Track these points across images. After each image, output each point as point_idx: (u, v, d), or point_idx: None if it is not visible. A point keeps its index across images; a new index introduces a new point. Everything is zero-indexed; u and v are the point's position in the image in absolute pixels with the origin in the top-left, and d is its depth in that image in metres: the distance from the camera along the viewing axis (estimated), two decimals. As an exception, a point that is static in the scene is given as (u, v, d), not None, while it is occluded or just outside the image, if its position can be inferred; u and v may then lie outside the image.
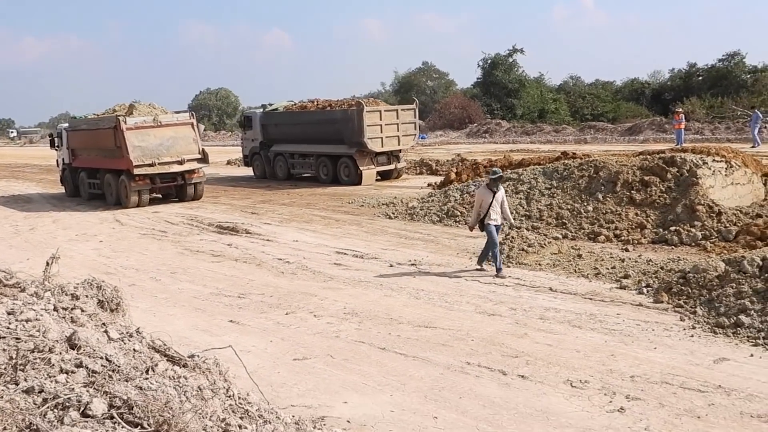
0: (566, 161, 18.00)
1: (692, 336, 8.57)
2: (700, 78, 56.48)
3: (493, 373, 7.70)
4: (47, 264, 6.58)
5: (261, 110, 31.16)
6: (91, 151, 25.28)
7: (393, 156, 27.27)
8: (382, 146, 26.14)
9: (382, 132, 25.85)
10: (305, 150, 28.43)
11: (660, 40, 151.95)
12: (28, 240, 18.06)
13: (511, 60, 60.63)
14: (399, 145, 26.98)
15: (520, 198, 16.52)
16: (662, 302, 9.80)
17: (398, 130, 26.52)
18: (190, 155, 23.48)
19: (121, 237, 17.91)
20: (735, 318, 8.70)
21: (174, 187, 24.33)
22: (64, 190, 28.28)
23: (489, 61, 61.08)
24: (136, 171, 22.44)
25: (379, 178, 27.07)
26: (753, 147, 29.80)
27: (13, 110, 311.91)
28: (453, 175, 22.83)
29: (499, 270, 11.87)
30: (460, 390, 7.29)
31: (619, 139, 42.45)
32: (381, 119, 25.91)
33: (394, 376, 7.77)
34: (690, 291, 9.76)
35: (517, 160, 22.40)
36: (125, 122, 22.36)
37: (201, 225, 18.97)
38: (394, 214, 18.56)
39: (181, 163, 23.21)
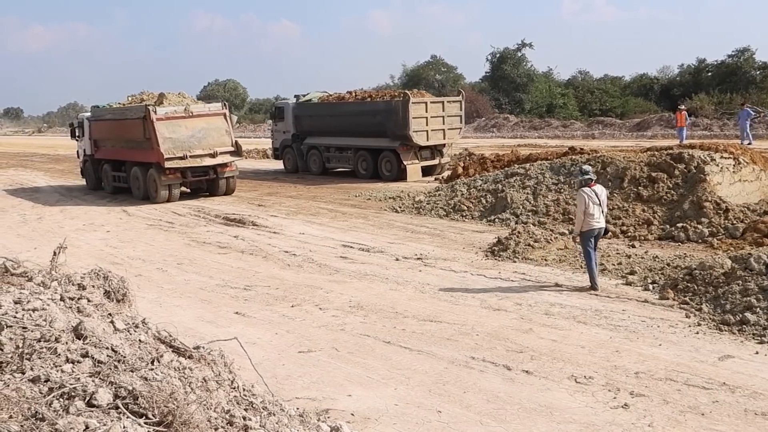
0: (574, 157, 17.97)
1: (697, 333, 8.56)
2: (709, 74, 56.21)
3: (497, 368, 7.71)
4: (54, 254, 6.61)
5: (294, 101, 29.90)
6: (116, 142, 24.05)
7: (437, 150, 25.92)
8: (427, 140, 24.88)
9: (427, 125, 24.61)
10: (343, 143, 27.07)
11: (669, 35, 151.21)
12: (35, 229, 18.14)
13: (519, 54, 60.56)
14: (444, 138, 25.62)
15: (527, 193, 16.50)
16: (668, 299, 9.79)
17: (443, 123, 25.21)
18: (223, 148, 22.23)
19: (128, 227, 17.97)
20: (741, 315, 8.68)
21: (205, 182, 23.11)
22: (85, 183, 27.34)
23: (497, 56, 61.03)
24: (167, 164, 21.27)
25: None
26: (742, 142, 29.35)
27: (21, 99, 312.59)
28: (460, 170, 22.80)
29: (592, 285, 10.59)
30: (465, 384, 7.30)
31: (627, 134, 42.28)
32: (426, 111, 24.59)
33: (398, 369, 7.79)
34: (696, 288, 9.75)
35: (524, 155, 22.35)
36: (155, 112, 21.17)
37: (208, 217, 19.02)
38: (400, 208, 18.57)
39: (213, 156, 21.97)
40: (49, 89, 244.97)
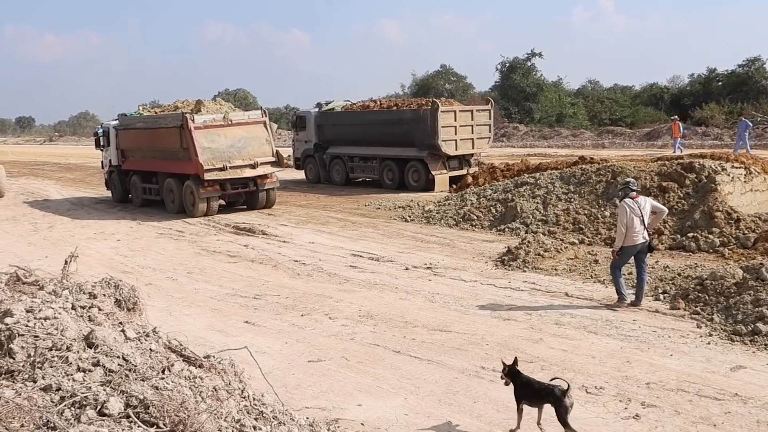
0: (584, 166, 17.92)
1: (709, 343, 8.51)
2: (720, 83, 56.09)
3: (507, 378, 7.68)
4: (66, 262, 6.65)
5: (316, 110, 29.22)
6: (147, 152, 22.79)
7: (464, 160, 25.30)
8: (456, 149, 24.31)
9: (456, 134, 24.04)
10: (367, 153, 26.50)
11: (680, 44, 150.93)
12: (46, 237, 18.22)
13: (529, 64, 60.51)
14: (473, 148, 25.05)
15: (537, 202, 16.48)
16: (679, 309, 9.75)
17: (472, 133, 24.66)
18: (263, 158, 21.01)
19: (138, 236, 18.03)
20: (752, 326, 8.63)
21: (243, 194, 21.83)
22: (110, 195, 25.91)
23: (507, 65, 61.00)
24: (207, 176, 20.01)
25: None
26: (747, 151, 29.25)
27: (33, 108, 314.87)
28: (470, 179, 22.78)
29: (620, 297, 10.21)
30: (475, 394, 7.28)
31: (637, 144, 42.22)
32: (455, 120, 24.05)
33: (408, 379, 7.78)
34: (707, 298, 9.70)
35: (534, 164, 22.32)
36: (193, 120, 19.87)
37: (218, 225, 19.06)
38: (410, 217, 18.56)
39: (253, 166, 20.72)
40: (60, 98, 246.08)
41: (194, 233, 18.10)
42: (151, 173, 23.14)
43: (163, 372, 4.40)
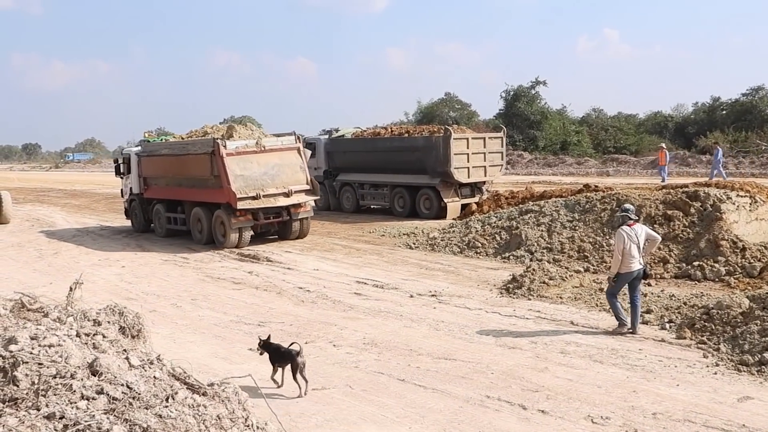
0: (588, 194, 17.93)
1: (716, 373, 8.45)
2: (724, 112, 56.31)
3: (512, 407, 7.64)
4: (71, 289, 6.65)
5: (325, 136, 29.04)
6: (172, 179, 21.71)
7: (476, 187, 25.05)
8: (469, 177, 24.09)
9: (468, 161, 23.92)
10: (378, 180, 26.34)
11: (684, 73, 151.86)
12: (51, 264, 18.24)
13: (533, 92, 60.71)
14: (485, 176, 24.86)
15: (542, 230, 16.46)
16: (685, 338, 9.69)
17: (485, 160, 24.52)
18: (297, 186, 20.04)
19: (143, 263, 18.03)
20: (760, 356, 8.57)
21: (276, 224, 20.75)
22: (130, 224, 24.70)
23: (511, 93, 61.20)
24: (240, 205, 18.94)
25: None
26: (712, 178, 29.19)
27: (39, 135, 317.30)
28: (474, 206, 22.78)
29: (620, 323, 10.27)
30: (480, 424, 7.23)
31: (641, 172, 42.28)
32: (468, 147, 23.94)
33: (413, 408, 7.73)
34: (713, 327, 9.64)
35: (539, 192, 22.33)
36: (225, 146, 18.95)
37: (222, 252, 19.06)
38: (414, 244, 18.54)
39: (287, 195, 19.76)
40: (66, 125, 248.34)
41: (199, 260, 18.10)
42: (177, 202, 22.07)
43: (166, 400, 4.38)
